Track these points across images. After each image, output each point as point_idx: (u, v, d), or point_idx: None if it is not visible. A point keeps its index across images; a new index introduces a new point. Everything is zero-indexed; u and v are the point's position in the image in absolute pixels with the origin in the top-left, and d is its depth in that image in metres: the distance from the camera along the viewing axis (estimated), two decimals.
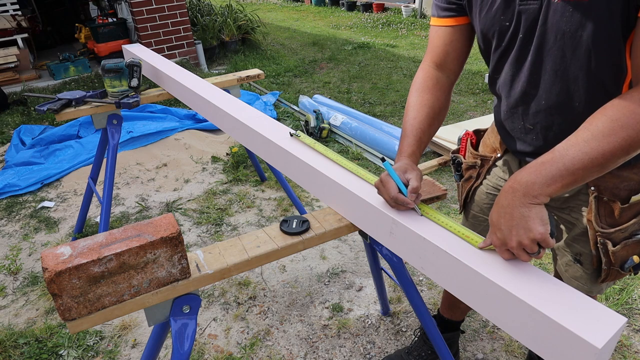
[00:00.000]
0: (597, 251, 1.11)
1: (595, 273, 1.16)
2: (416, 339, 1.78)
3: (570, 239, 1.20)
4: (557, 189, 0.85)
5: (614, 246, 1.08)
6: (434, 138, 3.33)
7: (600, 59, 0.91)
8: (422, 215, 1.03)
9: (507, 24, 1.00)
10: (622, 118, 0.81)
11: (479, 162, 1.32)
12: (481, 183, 1.34)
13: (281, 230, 1.18)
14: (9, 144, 3.74)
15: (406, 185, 1.03)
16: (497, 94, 1.17)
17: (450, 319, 1.72)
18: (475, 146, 1.37)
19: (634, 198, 1.05)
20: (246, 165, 3.32)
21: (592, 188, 1.07)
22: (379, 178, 1.06)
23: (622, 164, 0.85)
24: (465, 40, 1.15)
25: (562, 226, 1.22)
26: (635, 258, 1.07)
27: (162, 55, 2.49)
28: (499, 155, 1.27)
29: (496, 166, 1.29)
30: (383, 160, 1.08)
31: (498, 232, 0.89)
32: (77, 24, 5.98)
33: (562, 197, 1.16)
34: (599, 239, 1.09)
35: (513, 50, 1.02)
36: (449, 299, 1.69)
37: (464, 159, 1.37)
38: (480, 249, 0.93)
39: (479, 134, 1.38)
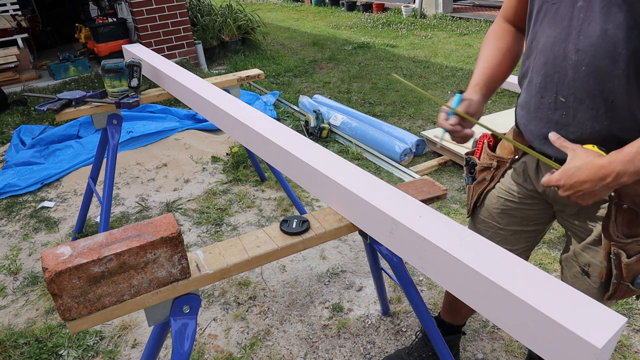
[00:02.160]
0: (608, 262, 1.05)
1: (603, 287, 1.11)
2: (417, 339, 1.78)
3: (581, 247, 1.15)
4: None
5: (628, 258, 1.03)
6: (433, 138, 3.33)
7: None
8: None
9: None
10: None
11: (494, 163, 1.28)
12: (494, 187, 1.30)
13: (281, 230, 1.18)
14: (9, 144, 3.74)
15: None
16: (528, 71, 1.12)
17: (451, 323, 1.71)
18: (493, 148, 1.33)
19: None
20: (246, 165, 3.32)
21: (613, 194, 1.02)
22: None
23: None
24: None
25: (570, 234, 1.19)
26: None
27: (162, 55, 2.49)
28: (516, 157, 1.24)
29: (512, 169, 1.25)
30: (460, 92, 1.20)
31: (576, 180, 0.95)
32: (77, 24, 5.98)
33: (577, 210, 1.12)
34: (613, 248, 1.04)
35: (562, 6, 0.98)
36: (450, 304, 1.66)
37: (479, 160, 1.33)
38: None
39: (496, 137, 1.34)
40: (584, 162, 0.94)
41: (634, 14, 0.88)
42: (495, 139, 1.34)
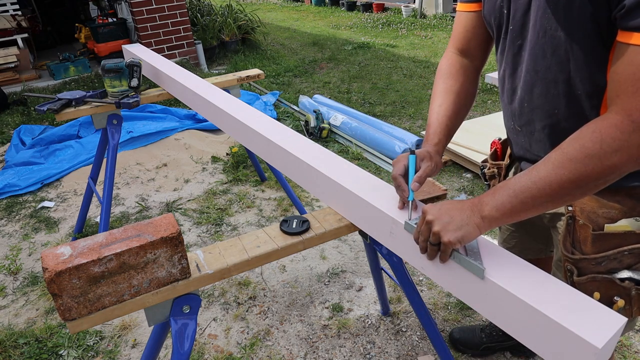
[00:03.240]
0: (566, 280, 1.03)
1: None
2: None
3: (555, 264, 1.14)
4: (506, 214, 0.84)
5: (578, 276, 1.00)
6: None
7: (578, 66, 0.87)
8: (410, 219, 0.99)
9: (506, 11, 0.97)
10: (572, 152, 0.79)
11: (496, 171, 1.29)
12: None
13: (281, 230, 1.18)
14: (9, 144, 3.74)
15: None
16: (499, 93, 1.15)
17: None
18: (502, 155, 1.33)
19: (608, 227, 0.96)
20: (246, 165, 3.32)
21: (570, 208, 1.01)
22: (398, 156, 1.06)
23: (603, 187, 0.82)
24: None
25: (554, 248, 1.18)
26: (596, 295, 0.97)
27: (162, 55, 2.49)
28: (507, 163, 1.25)
29: (509, 176, 1.26)
30: (412, 152, 1.05)
31: (434, 220, 0.88)
32: (77, 24, 5.98)
33: (552, 214, 1.12)
34: (566, 264, 1.02)
35: (508, 41, 1.00)
36: None
37: (487, 169, 1.33)
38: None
39: (504, 144, 1.33)
40: (443, 204, 0.92)
41: (559, 63, 0.89)
42: (503, 146, 1.33)
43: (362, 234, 1.28)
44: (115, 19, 5.53)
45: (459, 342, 1.80)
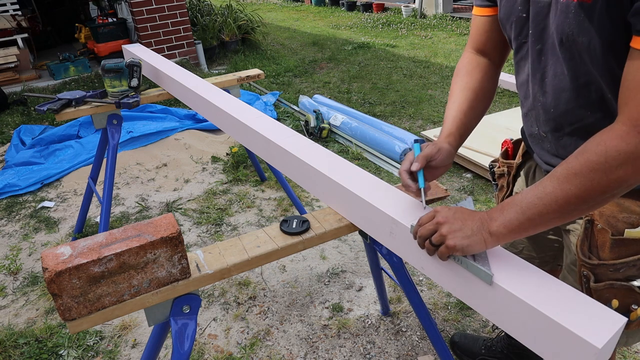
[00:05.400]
0: (581, 285, 1.00)
1: None
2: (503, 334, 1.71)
3: (567, 268, 1.11)
4: (514, 231, 0.83)
5: (595, 282, 0.96)
6: (433, 138, 3.33)
7: (602, 71, 0.84)
8: (425, 207, 1.02)
9: (524, 15, 0.93)
10: (577, 166, 0.77)
11: (506, 170, 1.27)
12: (511, 193, 1.28)
13: (281, 230, 1.18)
14: (9, 144, 3.74)
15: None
16: (520, 99, 1.11)
17: None
18: (513, 156, 1.30)
19: (629, 232, 0.93)
20: (246, 165, 3.32)
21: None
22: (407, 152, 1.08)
23: (612, 200, 0.80)
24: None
25: (565, 250, 1.15)
26: (614, 302, 0.94)
27: (162, 55, 2.49)
28: (519, 162, 1.23)
29: (520, 175, 1.24)
30: (416, 141, 1.09)
31: (444, 222, 0.87)
32: (77, 24, 5.98)
33: None
34: (583, 270, 0.98)
35: (528, 46, 0.96)
36: None
37: (496, 168, 1.32)
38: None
39: (516, 144, 1.30)
40: (452, 209, 0.92)
41: (584, 67, 0.86)
42: (514, 146, 1.30)
43: (362, 234, 1.28)
44: (115, 19, 5.53)
45: (458, 347, 1.79)
